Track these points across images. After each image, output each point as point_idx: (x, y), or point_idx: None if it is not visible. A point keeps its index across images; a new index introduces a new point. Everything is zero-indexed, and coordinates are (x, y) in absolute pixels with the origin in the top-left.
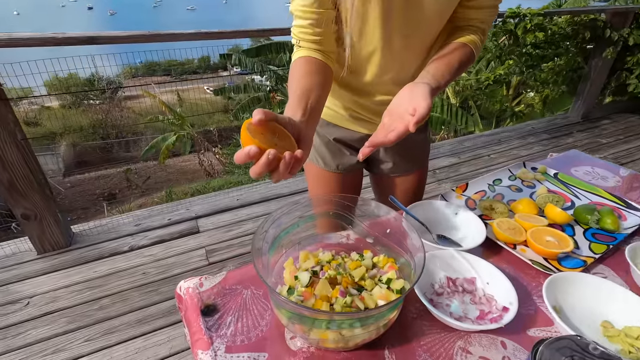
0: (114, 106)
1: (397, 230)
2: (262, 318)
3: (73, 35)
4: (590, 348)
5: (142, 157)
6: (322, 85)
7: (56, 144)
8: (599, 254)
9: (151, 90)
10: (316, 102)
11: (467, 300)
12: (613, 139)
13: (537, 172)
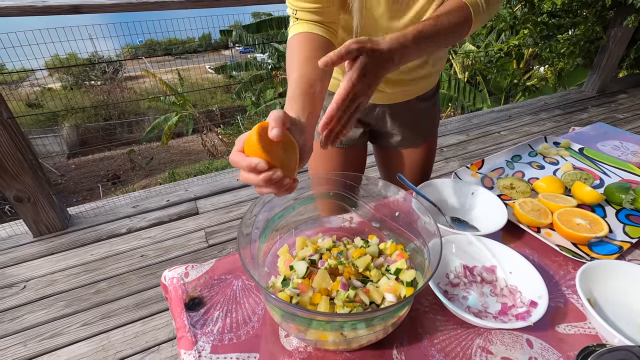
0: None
1: (406, 212)
2: (254, 313)
3: (54, 4)
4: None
5: (145, 138)
6: (325, 71)
7: (59, 125)
8: (636, 239)
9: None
10: (320, 93)
11: (487, 292)
12: (630, 114)
13: (560, 147)
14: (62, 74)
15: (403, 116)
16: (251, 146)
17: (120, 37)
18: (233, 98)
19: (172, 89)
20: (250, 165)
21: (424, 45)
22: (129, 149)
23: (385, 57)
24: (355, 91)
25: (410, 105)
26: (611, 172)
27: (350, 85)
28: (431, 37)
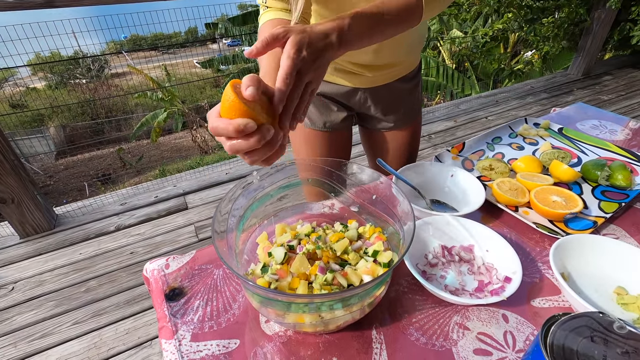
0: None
1: (384, 196)
2: (235, 300)
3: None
4: (615, 327)
5: (133, 136)
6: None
7: (44, 126)
8: (610, 213)
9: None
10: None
11: (465, 270)
12: (615, 95)
13: (540, 127)
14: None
15: (385, 99)
16: (231, 107)
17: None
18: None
19: (159, 85)
20: (238, 128)
21: (366, 27)
22: (118, 148)
23: (319, 35)
24: (298, 68)
25: (391, 87)
26: (589, 151)
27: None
28: (374, 18)
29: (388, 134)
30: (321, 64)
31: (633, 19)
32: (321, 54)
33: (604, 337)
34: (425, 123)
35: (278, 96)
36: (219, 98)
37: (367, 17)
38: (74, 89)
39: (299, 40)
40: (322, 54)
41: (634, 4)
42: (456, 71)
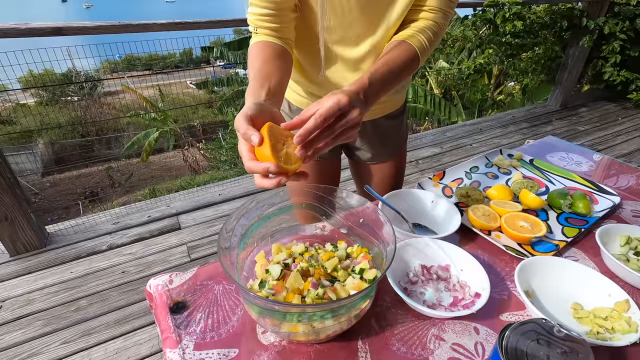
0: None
1: (370, 220)
2: (234, 313)
3: (38, 26)
4: (555, 331)
5: (123, 155)
6: (281, 70)
7: (33, 142)
8: (571, 238)
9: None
10: (278, 85)
11: (442, 287)
12: (590, 126)
13: (513, 158)
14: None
15: (370, 133)
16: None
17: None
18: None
19: (153, 105)
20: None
21: (381, 88)
22: (107, 166)
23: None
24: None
25: (377, 123)
26: (556, 180)
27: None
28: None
29: (374, 167)
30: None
31: (604, 57)
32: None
33: (547, 339)
34: (413, 149)
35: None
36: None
37: (382, 76)
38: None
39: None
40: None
41: (604, 43)
42: (443, 99)
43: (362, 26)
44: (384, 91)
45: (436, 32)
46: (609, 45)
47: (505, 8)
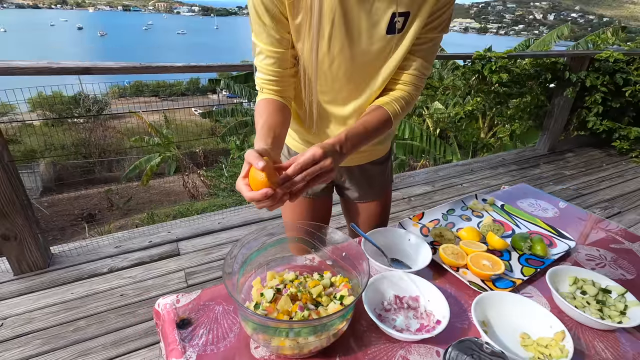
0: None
1: (352, 254)
2: (231, 331)
3: (68, 65)
4: (484, 347)
5: (125, 178)
6: (282, 123)
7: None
8: (527, 277)
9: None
10: (279, 135)
11: (411, 315)
12: (576, 171)
13: (487, 203)
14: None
15: (358, 177)
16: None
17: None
18: (218, 141)
19: (157, 131)
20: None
21: (355, 143)
22: (107, 188)
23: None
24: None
25: (363, 168)
26: (522, 224)
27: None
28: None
29: (361, 205)
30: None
31: (587, 107)
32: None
33: (479, 354)
34: (406, 186)
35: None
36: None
37: (356, 134)
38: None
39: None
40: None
41: (587, 95)
42: (439, 139)
43: (349, 91)
44: (359, 146)
45: (408, 100)
46: (591, 96)
47: (492, 62)
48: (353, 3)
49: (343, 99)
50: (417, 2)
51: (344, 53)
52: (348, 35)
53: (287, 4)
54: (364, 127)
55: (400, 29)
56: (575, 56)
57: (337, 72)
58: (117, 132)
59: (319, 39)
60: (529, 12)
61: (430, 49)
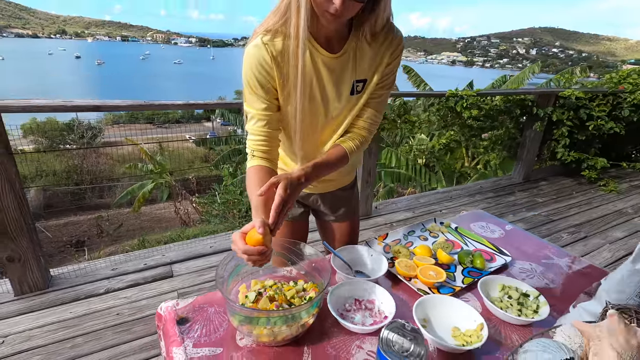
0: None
1: (321, 266)
2: (221, 326)
3: (80, 104)
4: (406, 326)
5: (116, 204)
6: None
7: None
8: (466, 285)
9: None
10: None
11: (367, 314)
12: (548, 199)
13: (443, 226)
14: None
15: (330, 201)
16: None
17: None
18: (211, 168)
19: (152, 158)
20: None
21: (319, 173)
22: (97, 215)
23: (296, 180)
24: (285, 199)
25: (334, 194)
26: (470, 243)
27: (279, 198)
28: (322, 169)
29: (334, 225)
30: (296, 196)
31: (556, 139)
32: (298, 191)
33: (402, 332)
34: (389, 212)
35: (273, 217)
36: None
37: (320, 166)
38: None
39: (286, 184)
40: (299, 191)
41: (554, 128)
42: (424, 167)
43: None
44: (322, 175)
45: (362, 141)
46: (558, 129)
47: (464, 99)
48: (325, 76)
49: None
50: (371, 71)
51: (320, 111)
52: (322, 99)
53: (278, 82)
54: (327, 160)
55: (359, 91)
56: (542, 93)
57: (315, 124)
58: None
59: (303, 102)
60: (512, 47)
61: (380, 102)
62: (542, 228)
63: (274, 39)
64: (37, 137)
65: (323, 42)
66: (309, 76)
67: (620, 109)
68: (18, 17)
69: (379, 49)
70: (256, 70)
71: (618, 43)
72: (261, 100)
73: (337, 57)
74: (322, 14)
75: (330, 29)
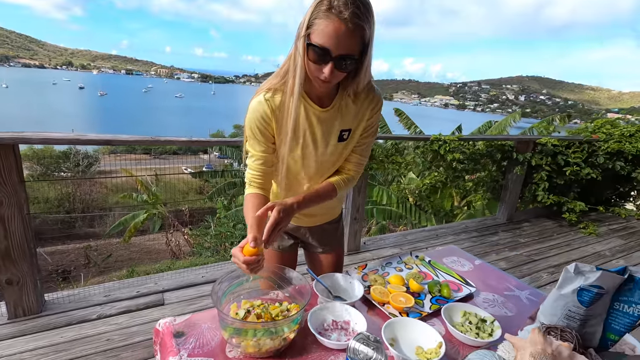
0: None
1: (302, 289)
2: (213, 340)
3: (94, 138)
4: (370, 337)
5: (107, 234)
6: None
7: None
8: (432, 311)
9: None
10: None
11: (342, 334)
12: (530, 239)
13: (418, 259)
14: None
15: (317, 234)
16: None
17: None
18: (205, 200)
19: (147, 189)
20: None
21: (309, 203)
22: (86, 245)
23: (289, 206)
24: (278, 220)
25: (322, 227)
26: (441, 275)
27: (273, 220)
28: (313, 199)
29: (321, 256)
30: (289, 219)
31: (536, 182)
32: (291, 215)
33: (367, 342)
34: (377, 248)
35: (266, 234)
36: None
37: (311, 197)
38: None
39: (280, 210)
40: (291, 216)
41: (534, 172)
42: (414, 206)
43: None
44: (311, 205)
45: (349, 180)
46: (538, 173)
47: (447, 143)
48: (315, 125)
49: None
50: (355, 122)
51: (311, 156)
52: (314, 145)
53: (275, 130)
54: (317, 192)
55: (345, 139)
56: (520, 140)
57: (306, 168)
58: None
59: (294, 147)
60: (502, 92)
61: (365, 148)
62: (524, 267)
63: (274, 96)
64: (32, 164)
65: (315, 99)
66: (303, 126)
67: (596, 156)
68: (27, 48)
69: (361, 104)
70: (258, 121)
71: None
72: (260, 144)
73: (327, 111)
74: (314, 79)
75: (321, 90)
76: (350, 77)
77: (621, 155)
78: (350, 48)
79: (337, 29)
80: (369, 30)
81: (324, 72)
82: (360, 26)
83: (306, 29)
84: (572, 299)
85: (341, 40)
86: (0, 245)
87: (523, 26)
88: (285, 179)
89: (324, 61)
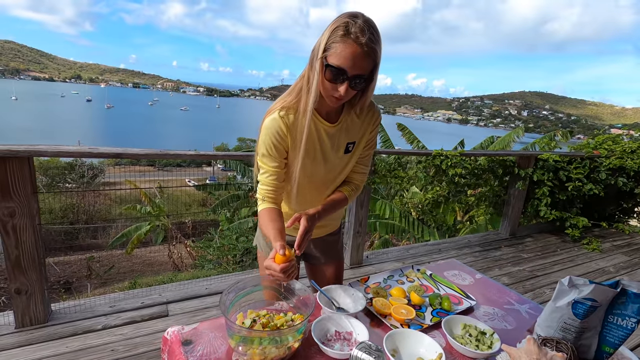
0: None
1: (306, 299)
2: (220, 348)
3: (105, 152)
4: (371, 346)
5: (111, 246)
6: (283, 225)
7: None
8: (433, 323)
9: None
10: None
11: (345, 344)
12: (533, 255)
13: (419, 272)
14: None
15: (320, 245)
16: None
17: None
18: (208, 212)
19: (151, 200)
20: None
21: (327, 212)
22: (89, 256)
23: (312, 215)
24: (307, 228)
25: (323, 239)
26: (442, 288)
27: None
28: (329, 209)
29: (323, 267)
30: (314, 226)
31: (538, 197)
32: (313, 223)
33: (369, 350)
34: (380, 262)
35: (298, 241)
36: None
37: (328, 206)
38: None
39: (307, 218)
40: (314, 223)
41: (536, 187)
42: (417, 220)
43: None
44: (329, 214)
45: (355, 188)
46: (540, 189)
47: (448, 158)
48: (325, 139)
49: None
50: (358, 136)
51: (320, 168)
52: (323, 157)
53: (290, 145)
54: (332, 202)
55: (350, 150)
56: (522, 155)
57: (316, 179)
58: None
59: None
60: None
61: (366, 160)
62: (526, 283)
63: (288, 114)
64: (39, 174)
65: (324, 115)
66: (313, 141)
67: (597, 172)
68: (37, 61)
69: (364, 119)
70: (274, 137)
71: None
72: (274, 160)
73: (335, 126)
74: (328, 97)
75: (331, 106)
76: (358, 95)
77: (623, 172)
78: (364, 68)
79: (354, 52)
80: (379, 52)
81: (339, 90)
82: (373, 49)
83: (323, 52)
84: (567, 312)
85: (357, 61)
86: (12, 254)
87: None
88: (297, 191)
89: (340, 80)
